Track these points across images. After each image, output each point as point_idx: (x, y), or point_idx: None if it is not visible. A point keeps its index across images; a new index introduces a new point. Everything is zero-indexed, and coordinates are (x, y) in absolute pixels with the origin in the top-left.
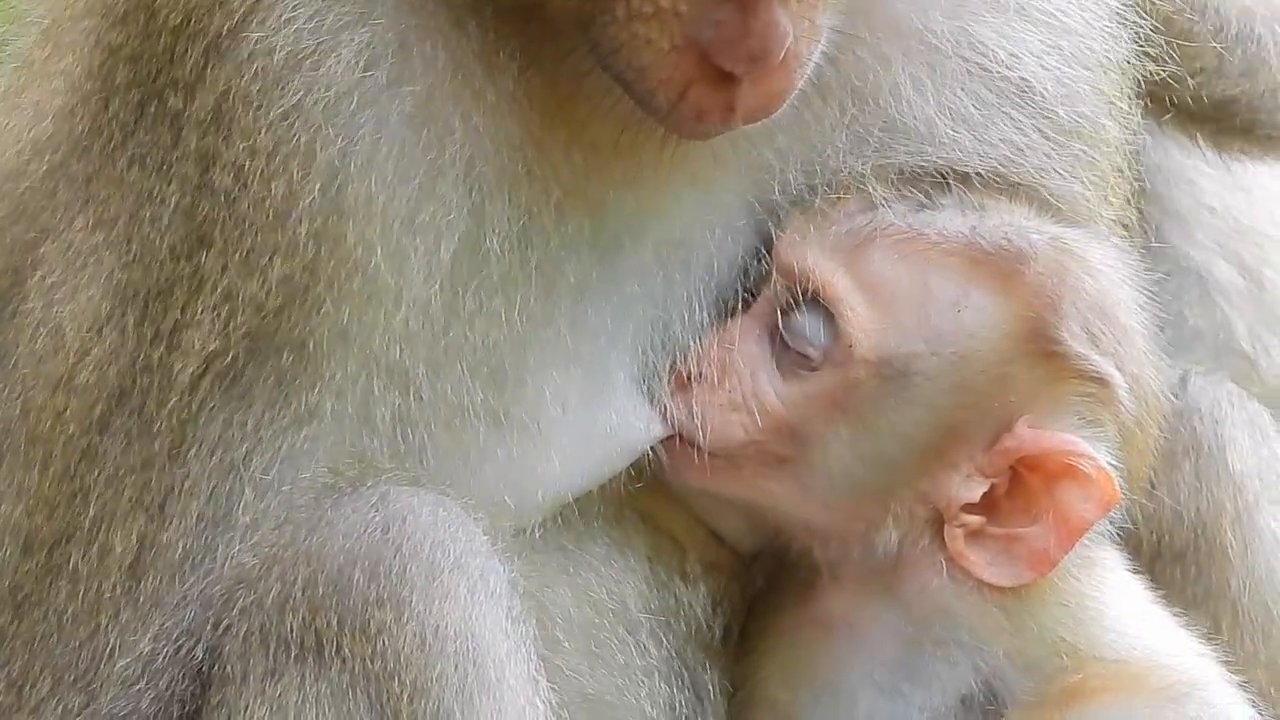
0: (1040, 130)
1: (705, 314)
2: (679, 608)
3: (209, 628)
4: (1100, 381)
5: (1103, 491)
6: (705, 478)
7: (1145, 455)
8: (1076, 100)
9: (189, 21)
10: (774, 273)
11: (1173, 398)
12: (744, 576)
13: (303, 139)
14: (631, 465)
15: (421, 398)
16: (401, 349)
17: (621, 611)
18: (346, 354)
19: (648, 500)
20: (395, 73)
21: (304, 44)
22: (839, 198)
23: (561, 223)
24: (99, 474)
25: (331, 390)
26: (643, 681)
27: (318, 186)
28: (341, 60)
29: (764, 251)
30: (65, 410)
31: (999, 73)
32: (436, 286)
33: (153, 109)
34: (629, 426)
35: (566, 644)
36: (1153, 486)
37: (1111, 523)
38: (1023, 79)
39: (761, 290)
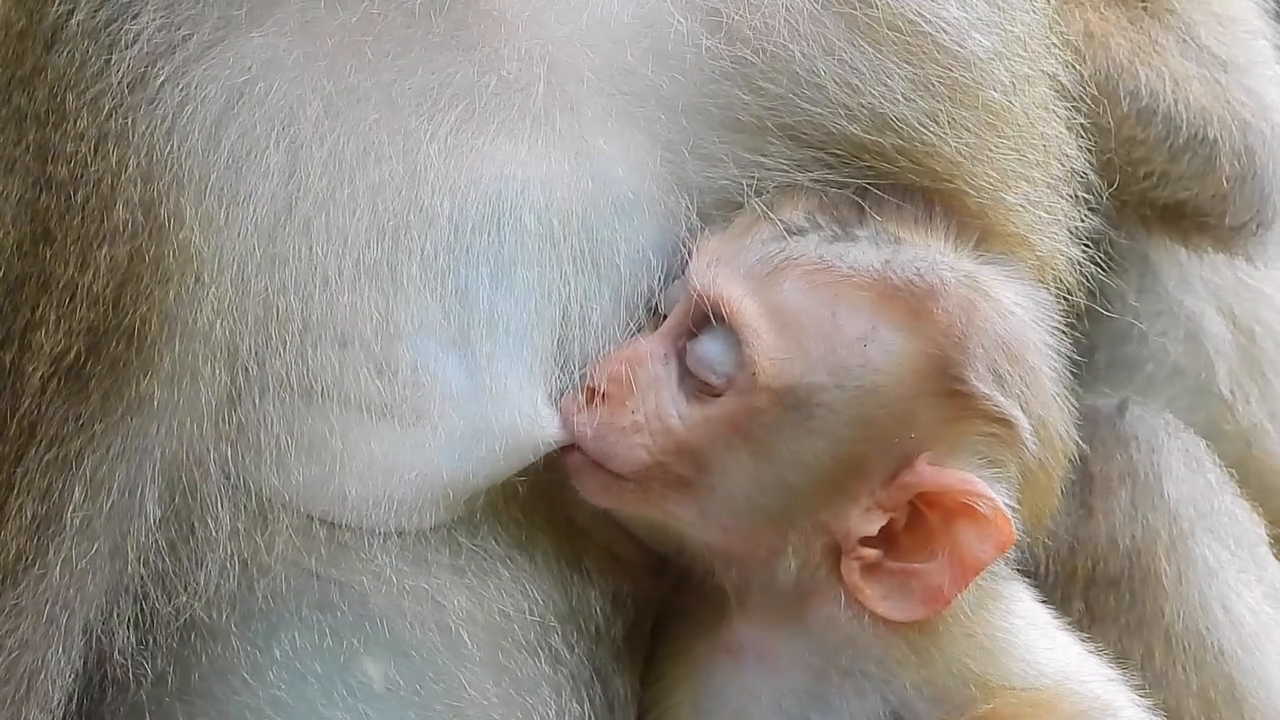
0: (928, 84)
1: (608, 313)
2: (586, 608)
3: (60, 640)
4: (1004, 422)
5: (999, 532)
6: (610, 496)
7: (1048, 496)
8: (979, 68)
9: (30, 20)
10: (684, 294)
11: (1110, 425)
12: (647, 574)
13: (116, 117)
14: (531, 465)
15: (250, 375)
16: (229, 325)
17: (528, 615)
18: (174, 337)
19: (550, 495)
20: (205, 36)
21: (111, 16)
22: (752, 223)
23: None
24: None
25: (161, 377)
26: (550, 700)
27: (133, 164)
28: (143, 28)
29: (672, 251)
30: None
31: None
32: (256, 254)
33: (2, 113)
34: (525, 425)
35: (473, 650)
36: (1089, 514)
37: (1012, 560)
38: (912, 23)
39: (670, 307)
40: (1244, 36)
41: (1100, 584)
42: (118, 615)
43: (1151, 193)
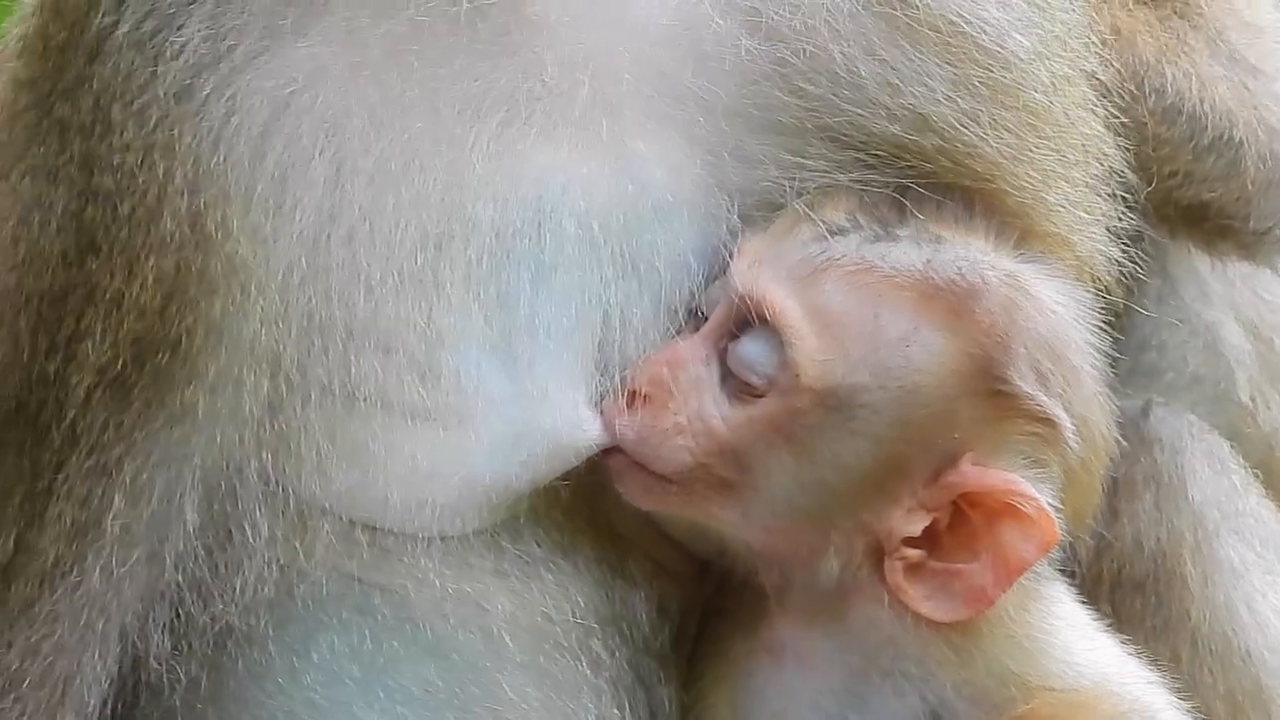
0: (969, 84)
1: (649, 317)
2: (629, 612)
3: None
4: (1047, 422)
5: (1043, 532)
6: (653, 499)
7: (1090, 495)
8: (1020, 68)
9: (72, 32)
10: (725, 296)
11: (1134, 428)
12: (692, 581)
13: (163, 129)
14: (572, 468)
15: (292, 384)
16: (273, 334)
17: (570, 618)
18: (219, 347)
19: (592, 499)
20: (250, 46)
21: (156, 28)
22: (793, 223)
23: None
24: None
25: (205, 387)
26: (591, 705)
27: (181, 175)
28: (189, 40)
29: (712, 253)
30: None
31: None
32: (300, 264)
33: (45, 123)
34: (566, 429)
35: (515, 654)
36: (1114, 516)
37: (1054, 560)
38: (952, 23)
39: (710, 310)
40: (1273, 45)
41: (1126, 587)
42: (153, 620)
43: (1176, 192)
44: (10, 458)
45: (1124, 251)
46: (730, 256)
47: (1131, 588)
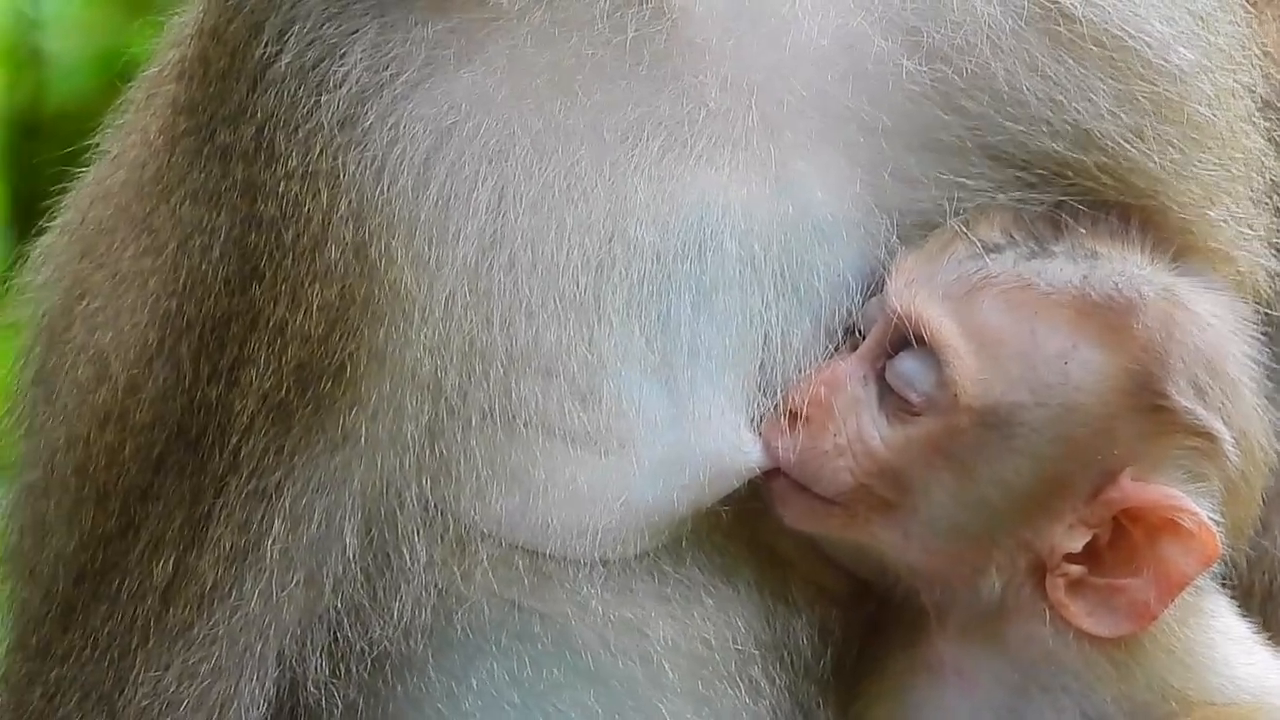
0: (1133, 99)
1: (808, 337)
2: (789, 638)
3: (253, 669)
4: (1206, 436)
5: (1204, 547)
6: (814, 521)
7: (1250, 508)
8: (1184, 82)
9: (234, 60)
10: (882, 315)
11: None
12: (854, 605)
13: (326, 157)
14: (733, 491)
15: (453, 409)
16: (435, 360)
17: (730, 645)
18: (382, 374)
19: (753, 522)
20: (413, 75)
21: (319, 57)
22: (949, 241)
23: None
24: (153, 509)
25: (367, 413)
26: None
27: (345, 204)
28: (352, 69)
29: (870, 273)
30: (121, 449)
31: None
32: (463, 291)
33: (206, 149)
34: (728, 451)
35: (674, 680)
36: (1265, 528)
37: (1214, 573)
38: (1116, 38)
39: (867, 329)
40: None
41: (1277, 599)
42: (311, 644)
43: None
44: (171, 481)
45: None
46: (887, 276)
47: None
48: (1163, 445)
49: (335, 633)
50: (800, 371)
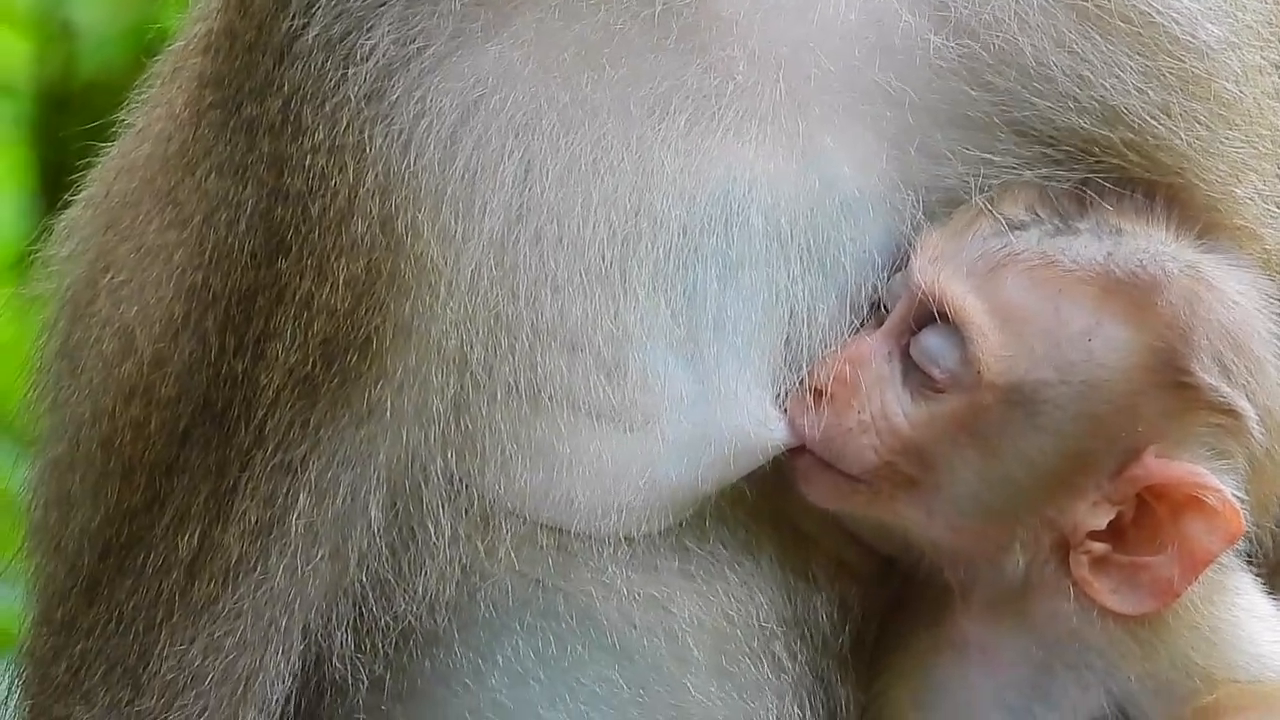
0: (1160, 75)
1: (833, 312)
2: (811, 615)
3: (279, 643)
4: (1231, 413)
5: (1228, 524)
6: (839, 498)
7: (1274, 484)
8: (1212, 58)
9: (261, 33)
10: (907, 291)
11: None
12: (876, 582)
13: (353, 130)
14: (758, 468)
15: (479, 383)
16: (461, 334)
17: (753, 621)
18: (407, 347)
19: (776, 498)
20: (440, 48)
21: (346, 30)
22: (973, 218)
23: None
24: (178, 483)
25: (392, 387)
26: (772, 705)
27: (372, 177)
28: (379, 42)
29: (896, 248)
30: (147, 423)
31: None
32: (489, 264)
33: (232, 122)
34: (753, 428)
35: (698, 656)
36: None
37: (1239, 551)
38: (1144, 14)
39: (892, 305)
40: None
41: None
42: (336, 618)
43: None
44: (196, 455)
45: None
46: (912, 252)
47: None
48: (1187, 422)
49: (360, 607)
50: (825, 347)
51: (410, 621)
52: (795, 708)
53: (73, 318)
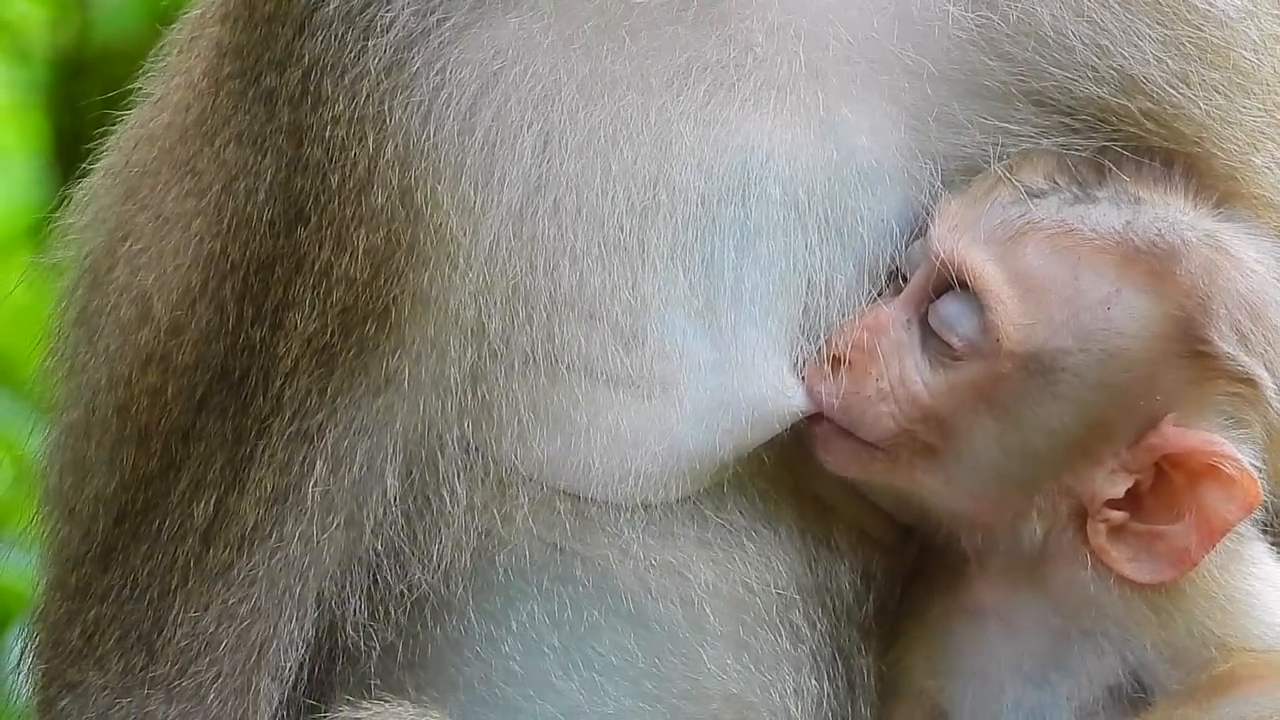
0: (1178, 44)
1: (851, 282)
2: (831, 583)
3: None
4: (1248, 382)
5: (1245, 493)
6: (857, 466)
7: None
8: (1230, 27)
9: (280, 4)
10: (925, 259)
11: None
12: (896, 550)
13: (373, 102)
14: (775, 435)
15: (496, 352)
16: (479, 304)
17: (772, 589)
18: (426, 318)
19: (795, 466)
20: (460, 20)
21: (366, 2)
22: (992, 186)
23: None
24: (194, 450)
25: (410, 356)
26: (789, 676)
27: (391, 148)
28: (398, 13)
29: (914, 218)
30: (163, 390)
31: None
32: (507, 234)
33: (251, 92)
34: (771, 396)
35: (715, 624)
36: None
37: (1256, 520)
38: None
39: (910, 274)
40: None
41: None
42: (351, 586)
43: None
44: (213, 423)
45: None
46: (931, 221)
47: None
48: (1205, 391)
49: (375, 575)
50: (843, 316)
51: (424, 589)
52: (813, 679)
53: (91, 285)
